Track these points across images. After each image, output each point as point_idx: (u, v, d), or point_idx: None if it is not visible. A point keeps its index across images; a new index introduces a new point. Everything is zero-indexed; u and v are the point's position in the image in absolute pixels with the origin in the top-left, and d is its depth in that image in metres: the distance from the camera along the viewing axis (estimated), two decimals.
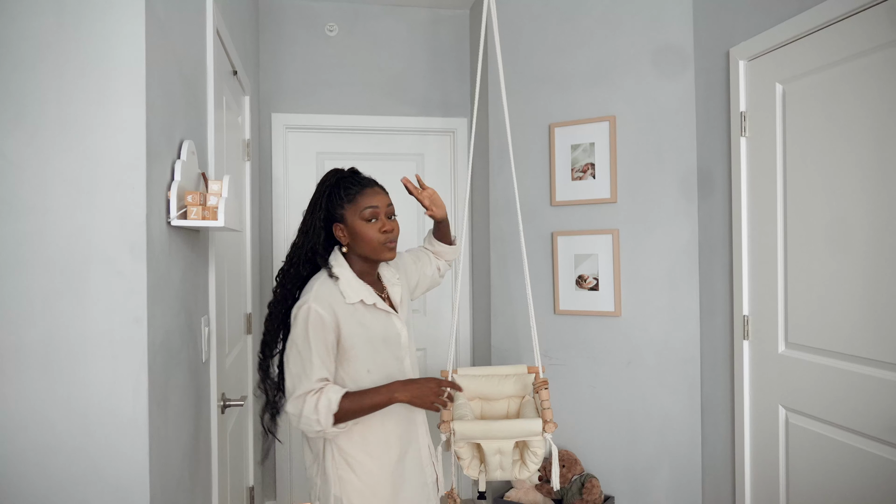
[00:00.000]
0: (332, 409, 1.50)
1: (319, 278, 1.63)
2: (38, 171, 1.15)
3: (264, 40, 3.37)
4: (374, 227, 1.62)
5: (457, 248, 2.05)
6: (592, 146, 2.83)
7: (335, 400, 1.51)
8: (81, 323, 1.17)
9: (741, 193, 2.34)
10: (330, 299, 1.58)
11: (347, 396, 1.54)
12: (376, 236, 1.62)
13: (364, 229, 1.61)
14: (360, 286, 1.64)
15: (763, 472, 2.28)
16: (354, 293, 1.61)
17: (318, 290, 1.59)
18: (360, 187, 1.64)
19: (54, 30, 1.16)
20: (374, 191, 1.65)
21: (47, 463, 1.16)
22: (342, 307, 1.59)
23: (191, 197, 1.39)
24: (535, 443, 2.10)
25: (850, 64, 1.87)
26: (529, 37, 2.99)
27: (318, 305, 1.55)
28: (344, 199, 1.62)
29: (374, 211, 1.62)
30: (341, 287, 1.60)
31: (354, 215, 1.61)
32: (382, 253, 1.64)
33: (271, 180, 3.38)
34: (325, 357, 1.56)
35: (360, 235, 1.62)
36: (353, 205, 1.62)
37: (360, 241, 1.63)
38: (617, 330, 2.80)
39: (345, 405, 1.52)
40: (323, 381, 1.55)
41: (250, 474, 2.75)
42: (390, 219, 1.67)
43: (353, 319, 1.60)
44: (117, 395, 1.19)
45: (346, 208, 1.62)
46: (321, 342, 1.55)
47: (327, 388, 1.54)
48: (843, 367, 1.92)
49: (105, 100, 1.18)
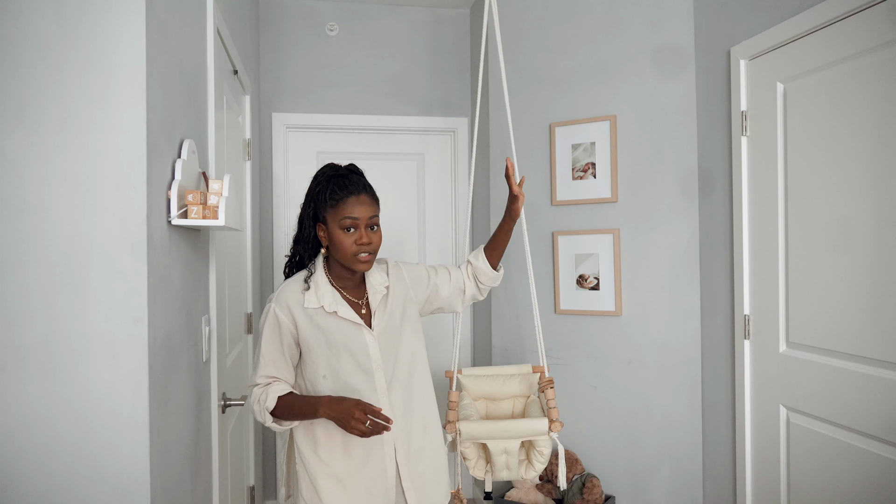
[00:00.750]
0: (268, 406, 1.58)
1: (294, 277, 1.68)
2: (39, 170, 1.15)
3: (265, 40, 3.37)
4: (350, 237, 1.58)
5: (498, 275, 1.90)
6: (593, 146, 2.82)
7: (272, 399, 1.59)
8: (82, 322, 1.17)
9: (742, 193, 2.34)
10: (290, 301, 1.62)
11: (284, 399, 1.59)
12: (351, 247, 1.58)
13: (340, 237, 1.58)
14: (325, 292, 1.63)
15: (764, 471, 2.28)
16: (315, 298, 1.61)
17: (283, 290, 1.64)
18: (346, 194, 1.59)
19: (55, 29, 1.16)
20: (358, 200, 1.59)
21: (47, 462, 1.16)
22: (300, 310, 1.61)
23: (191, 196, 1.39)
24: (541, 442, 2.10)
25: (851, 63, 1.87)
26: (530, 36, 2.99)
27: (277, 306, 1.62)
28: (328, 202, 1.60)
29: (353, 222, 1.58)
30: (306, 291, 1.62)
31: (334, 221, 1.59)
32: (354, 264, 1.60)
33: (272, 180, 3.38)
34: (276, 357, 1.63)
35: (335, 242, 1.60)
36: (334, 211, 1.59)
37: (335, 248, 1.61)
38: (618, 329, 2.80)
39: (280, 405, 1.59)
40: (270, 378, 1.63)
41: (251, 474, 2.75)
42: (373, 230, 1.62)
43: (310, 323, 1.61)
44: (118, 394, 1.18)
45: (329, 212, 1.60)
46: (274, 342, 1.62)
47: (271, 386, 1.61)
48: (843, 366, 1.92)
49: (105, 99, 1.18)
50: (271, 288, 3.37)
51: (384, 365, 1.65)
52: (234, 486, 2.32)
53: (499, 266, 1.90)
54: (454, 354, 2.27)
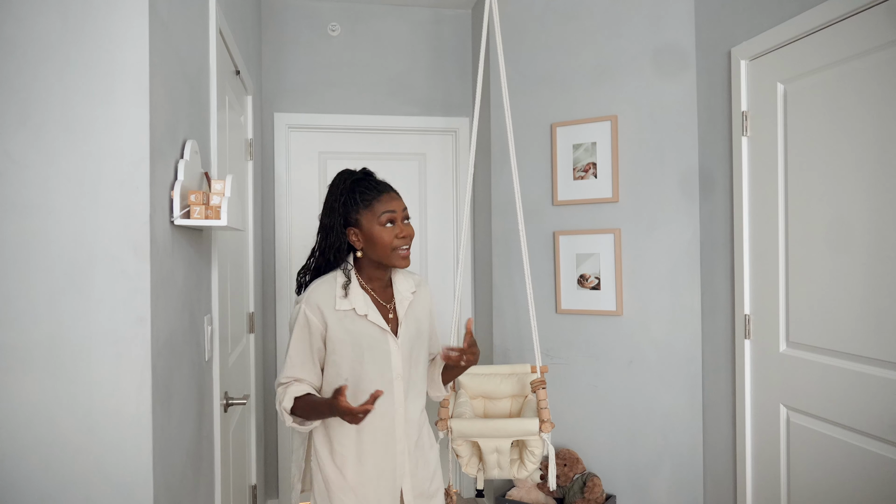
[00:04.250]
0: (285, 406, 1.60)
1: (324, 278, 1.66)
2: (43, 170, 1.16)
3: (267, 40, 3.38)
4: (390, 232, 1.61)
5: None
6: (594, 146, 2.83)
7: (288, 398, 1.60)
8: (85, 322, 1.17)
9: (742, 193, 2.34)
10: (321, 302, 1.61)
11: (302, 399, 1.60)
12: (391, 242, 1.61)
13: (381, 234, 1.60)
14: (357, 295, 1.63)
15: (764, 470, 2.28)
16: (347, 302, 1.62)
17: (314, 291, 1.63)
18: (377, 192, 1.62)
19: (58, 30, 1.17)
20: (390, 196, 1.64)
21: (51, 461, 1.16)
22: (331, 311, 1.61)
23: (194, 196, 1.40)
24: (532, 442, 2.11)
25: (851, 64, 1.87)
26: (531, 36, 2.99)
27: (308, 308, 1.62)
28: (360, 204, 1.61)
29: (392, 216, 1.61)
30: (338, 291, 1.62)
31: (372, 220, 1.60)
32: (395, 260, 1.62)
33: (274, 179, 3.39)
34: (304, 358, 1.63)
35: (375, 240, 1.60)
36: (369, 210, 1.61)
37: (375, 246, 1.61)
38: (618, 329, 2.81)
39: (298, 405, 1.60)
40: (294, 378, 1.63)
41: (253, 472, 2.76)
42: (406, 223, 1.65)
43: (339, 325, 1.62)
44: (121, 393, 1.19)
45: (363, 213, 1.61)
46: (303, 343, 1.63)
47: (291, 386, 1.62)
48: (844, 366, 1.92)
49: (109, 100, 1.19)
50: (273, 287, 3.38)
51: (404, 374, 1.67)
52: (237, 484, 2.32)
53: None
54: None
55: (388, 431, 1.66)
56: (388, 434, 1.66)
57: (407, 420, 1.68)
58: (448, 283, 3.62)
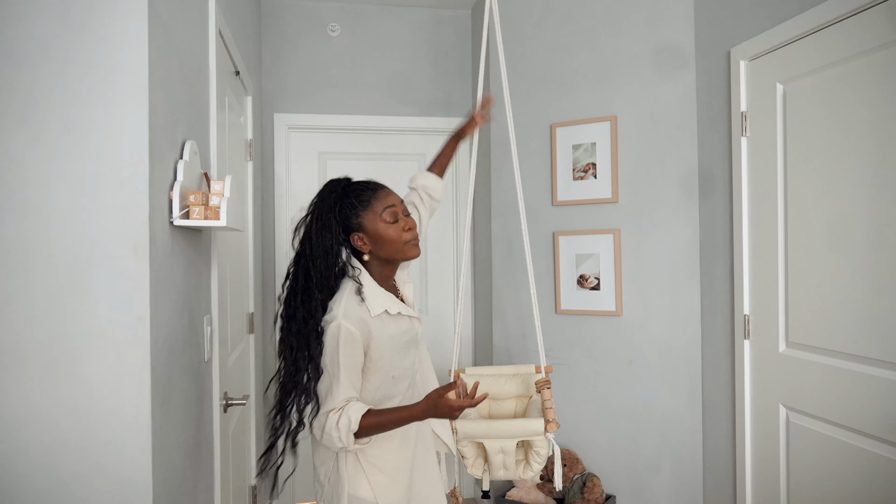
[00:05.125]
0: (352, 428, 1.49)
1: (345, 292, 1.57)
2: (42, 171, 1.16)
3: (266, 40, 3.38)
4: (396, 228, 1.57)
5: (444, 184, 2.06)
6: (594, 146, 2.83)
7: (355, 420, 1.49)
8: (85, 322, 1.17)
9: (742, 193, 2.34)
10: (359, 314, 1.53)
11: (368, 415, 1.51)
12: (401, 236, 1.58)
13: (386, 231, 1.56)
14: (382, 296, 1.60)
15: (764, 470, 2.28)
16: (378, 305, 1.57)
17: (347, 305, 1.54)
18: (372, 191, 1.59)
19: (58, 31, 1.17)
20: (385, 192, 1.61)
21: (51, 461, 1.17)
22: (370, 321, 1.54)
23: (193, 197, 1.40)
24: (538, 442, 2.11)
25: (851, 64, 1.87)
26: (531, 37, 2.99)
27: (349, 322, 1.51)
28: (358, 207, 1.56)
29: (394, 210, 1.58)
30: (367, 300, 1.55)
31: (375, 220, 1.56)
32: (409, 251, 1.60)
33: (273, 180, 3.39)
34: (352, 376, 1.53)
35: (383, 238, 1.57)
36: (369, 210, 1.56)
37: (385, 244, 1.58)
38: (618, 329, 2.81)
39: (364, 424, 1.50)
40: (348, 400, 1.52)
41: (252, 473, 2.76)
42: (408, 216, 1.63)
43: (381, 332, 1.56)
44: (120, 393, 1.19)
45: (363, 215, 1.57)
46: (351, 360, 1.52)
47: (349, 407, 1.51)
48: (843, 366, 1.92)
49: (108, 100, 1.19)
50: (273, 288, 3.38)
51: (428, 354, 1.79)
52: (236, 485, 2.33)
53: None
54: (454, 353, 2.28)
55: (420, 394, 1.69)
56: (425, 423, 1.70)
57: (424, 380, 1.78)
58: (448, 283, 3.62)
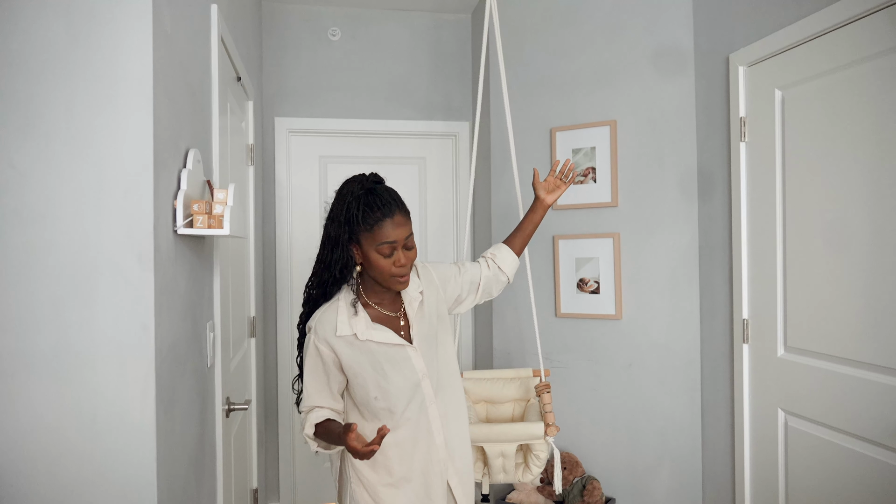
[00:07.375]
0: (308, 432, 1.62)
1: (330, 304, 1.61)
2: (47, 180, 1.17)
3: (267, 45, 3.39)
4: (387, 261, 1.54)
5: (518, 263, 1.96)
6: (593, 150, 2.84)
7: (309, 429, 1.62)
8: (90, 330, 1.19)
9: (741, 198, 2.35)
10: (327, 332, 1.57)
11: (321, 426, 1.59)
12: (388, 269, 1.55)
13: (377, 261, 1.54)
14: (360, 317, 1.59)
15: (763, 474, 2.29)
16: (349, 325, 1.57)
17: (320, 320, 1.59)
18: (381, 216, 1.52)
19: (63, 41, 1.18)
20: (393, 222, 1.53)
21: (56, 468, 1.18)
22: (337, 340, 1.57)
23: (197, 206, 1.41)
24: (537, 446, 2.12)
25: (849, 70, 1.88)
26: (531, 41, 3.00)
27: (316, 337, 1.59)
28: (362, 225, 1.52)
29: (391, 246, 1.53)
30: (340, 316, 1.57)
31: (370, 245, 1.53)
32: (393, 284, 1.58)
33: (274, 183, 3.40)
34: (319, 387, 1.62)
35: (373, 264, 1.55)
36: (370, 235, 1.53)
37: (372, 269, 1.57)
38: (618, 333, 2.82)
39: (319, 432, 1.60)
40: (313, 407, 1.63)
41: (254, 476, 2.77)
42: (410, 249, 1.58)
43: (350, 349, 1.57)
44: (125, 400, 1.20)
45: (364, 235, 1.53)
46: (316, 374, 1.61)
47: (311, 413, 1.62)
48: (842, 370, 1.93)
49: (113, 110, 1.20)
50: (274, 291, 3.39)
51: (429, 373, 1.65)
52: (238, 488, 2.34)
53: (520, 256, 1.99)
54: None
55: (426, 428, 1.64)
56: (426, 430, 1.64)
57: (441, 414, 1.66)
58: None
